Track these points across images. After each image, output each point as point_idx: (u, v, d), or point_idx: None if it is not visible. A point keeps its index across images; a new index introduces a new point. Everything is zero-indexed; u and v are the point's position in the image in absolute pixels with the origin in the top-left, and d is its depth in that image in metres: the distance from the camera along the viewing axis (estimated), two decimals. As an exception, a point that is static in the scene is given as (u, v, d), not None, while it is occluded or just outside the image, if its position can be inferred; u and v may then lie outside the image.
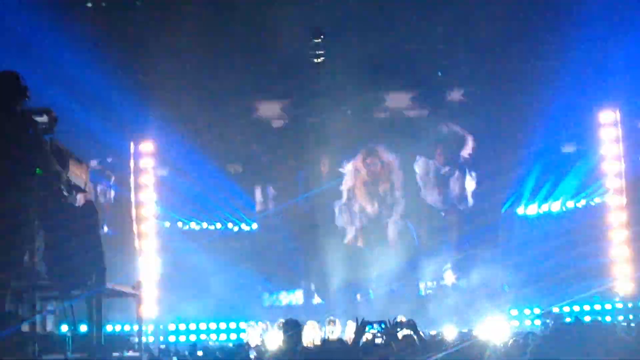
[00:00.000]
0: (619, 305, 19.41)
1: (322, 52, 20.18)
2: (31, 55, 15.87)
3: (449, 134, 21.71)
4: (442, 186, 21.75)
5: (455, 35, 19.71)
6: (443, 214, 21.80)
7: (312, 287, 22.07)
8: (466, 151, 21.64)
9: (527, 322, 19.28)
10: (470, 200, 21.66)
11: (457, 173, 21.70)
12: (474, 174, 21.66)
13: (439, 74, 20.75)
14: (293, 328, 7.84)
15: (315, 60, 20.47)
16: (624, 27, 17.39)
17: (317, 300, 21.95)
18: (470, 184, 21.67)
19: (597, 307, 19.61)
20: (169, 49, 19.15)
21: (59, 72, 16.74)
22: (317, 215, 22.10)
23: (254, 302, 21.66)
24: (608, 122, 19.78)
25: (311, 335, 17.69)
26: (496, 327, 13.68)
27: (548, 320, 13.93)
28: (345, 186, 22.13)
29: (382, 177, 21.99)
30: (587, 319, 17.00)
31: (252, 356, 12.31)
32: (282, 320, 18.52)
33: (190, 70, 20.09)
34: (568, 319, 13.82)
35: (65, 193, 7.00)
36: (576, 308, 19.16)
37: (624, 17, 17.13)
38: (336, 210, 22.12)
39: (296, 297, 22.23)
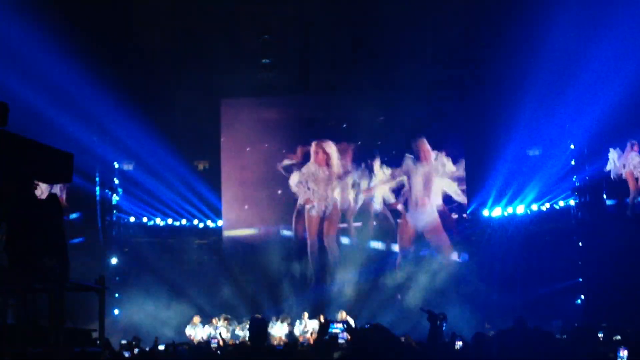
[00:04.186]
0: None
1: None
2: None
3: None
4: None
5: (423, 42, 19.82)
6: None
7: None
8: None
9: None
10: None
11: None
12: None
13: None
14: (259, 326, 7.78)
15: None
16: (592, 36, 17.53)
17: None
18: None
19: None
20: (136, 44, 19.11)
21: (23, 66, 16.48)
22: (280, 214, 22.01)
23: (217, 297, 21.49)
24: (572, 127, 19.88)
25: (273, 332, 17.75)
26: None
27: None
28: (296, 183, 21.95)
29: (337, 175, 21.89)
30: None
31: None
32: (224, 315, 18.65)
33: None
34: None
35: (26, 186, 6.87)
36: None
37: (593, 25, 17.27)
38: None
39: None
